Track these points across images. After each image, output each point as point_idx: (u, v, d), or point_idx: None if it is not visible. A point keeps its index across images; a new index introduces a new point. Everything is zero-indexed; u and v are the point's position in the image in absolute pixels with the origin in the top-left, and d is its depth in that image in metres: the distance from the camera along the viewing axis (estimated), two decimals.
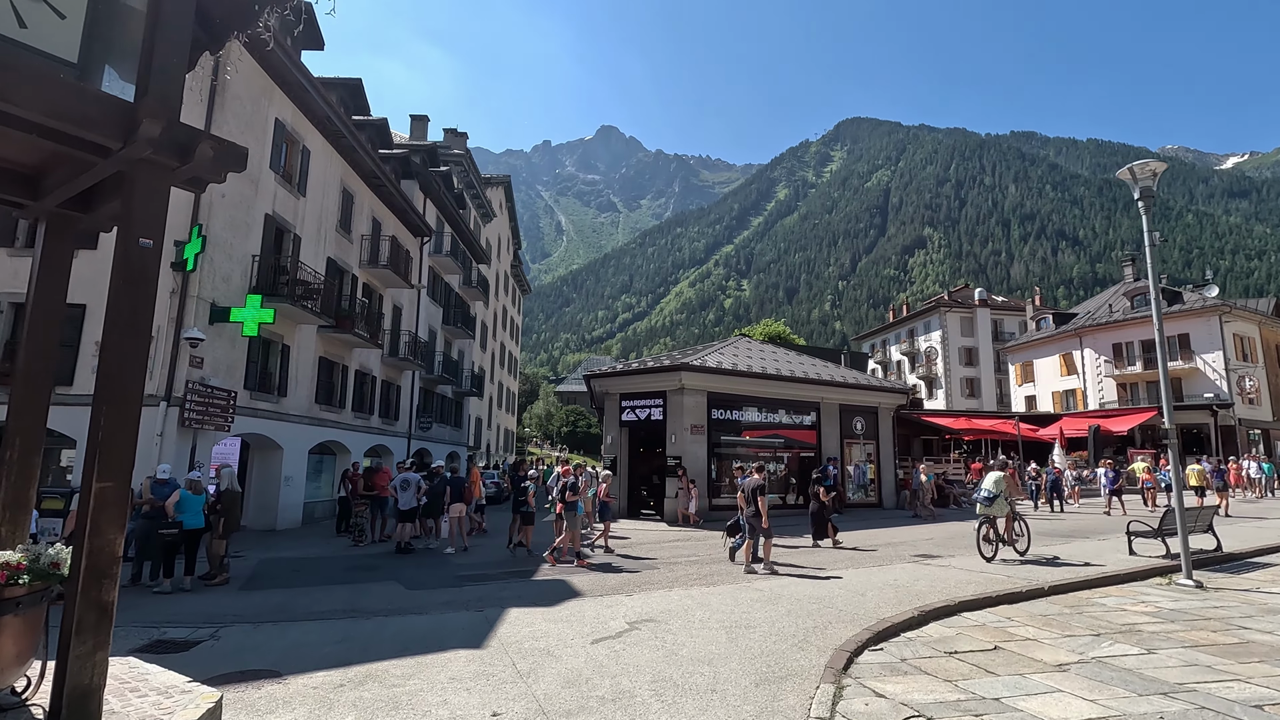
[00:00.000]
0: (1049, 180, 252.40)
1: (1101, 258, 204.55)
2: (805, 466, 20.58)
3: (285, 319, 16.53)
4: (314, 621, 7.39)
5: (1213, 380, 35.21)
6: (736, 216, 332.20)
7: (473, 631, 6.85)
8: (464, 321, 32.14)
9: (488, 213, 43.49)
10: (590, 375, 20.60)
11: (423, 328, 27.49)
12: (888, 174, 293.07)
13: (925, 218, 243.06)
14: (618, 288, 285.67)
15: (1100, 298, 44.76)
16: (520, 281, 61.13)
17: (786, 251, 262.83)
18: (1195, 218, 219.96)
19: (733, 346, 22.65)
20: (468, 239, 33.85)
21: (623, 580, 9.64)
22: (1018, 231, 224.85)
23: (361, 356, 21.55)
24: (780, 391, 20.16)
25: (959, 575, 9.64)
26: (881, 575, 9.75)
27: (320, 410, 18.89)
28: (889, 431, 22.16)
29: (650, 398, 19.13)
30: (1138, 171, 10.33)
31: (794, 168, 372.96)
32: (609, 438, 20.18)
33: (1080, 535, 14.44)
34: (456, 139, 39.65)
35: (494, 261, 47.70)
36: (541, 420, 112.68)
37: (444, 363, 29.95)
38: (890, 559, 11.39)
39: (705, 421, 18.75)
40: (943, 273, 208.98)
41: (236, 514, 9.59)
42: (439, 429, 30.41)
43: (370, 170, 21.43)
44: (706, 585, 9.18)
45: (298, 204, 17.43)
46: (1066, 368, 42.23)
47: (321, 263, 18.71)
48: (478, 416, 42.78)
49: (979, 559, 11.06)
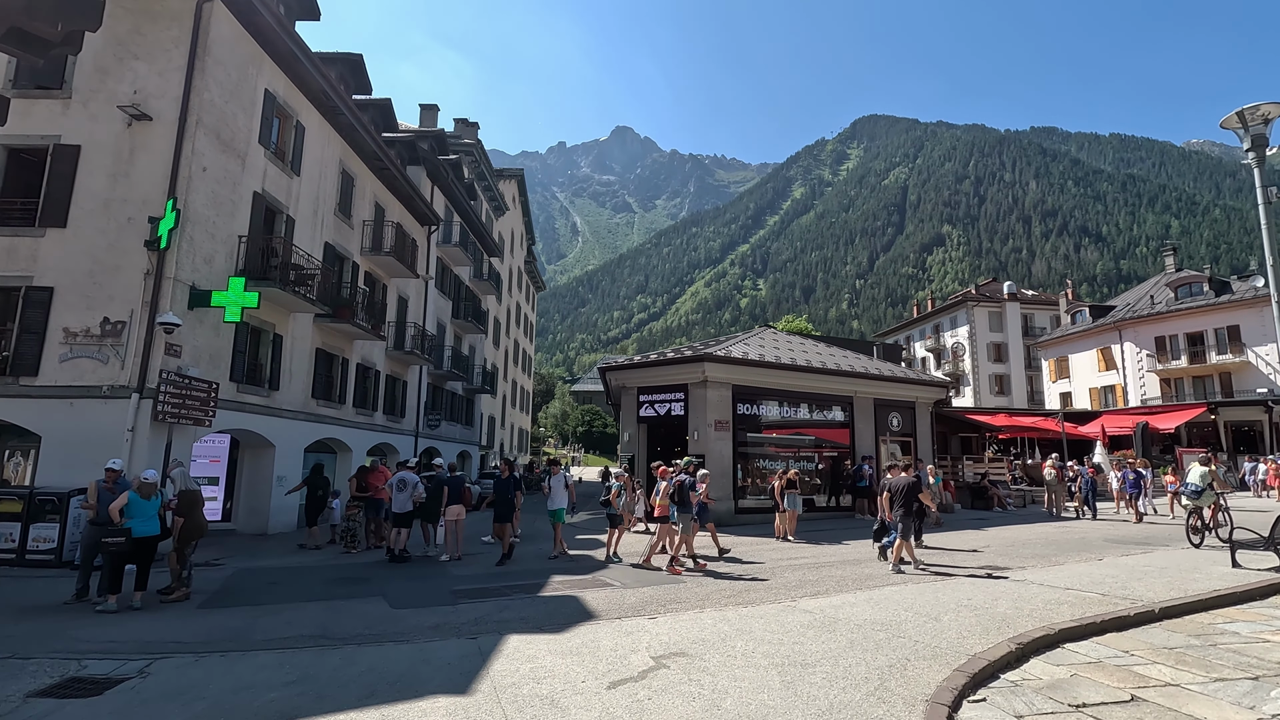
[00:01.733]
0: (1071, 176, 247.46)
1: (1126, 254, 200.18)
2: (837, 466, 19.13)
3: (276, 306, 15.34)
4: (271, 652, 6.07)
5: (1266, 374, 33.11)
6: (752, 216, 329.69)
7: (460, 668, 5.49)
8: (475, 316, 30.93)
9: (500, 206, 42.32)
10: (606, 368, 19.26)
11: (430, 321, 26.30)
12: (905, 171, 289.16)
13: (944, 215, 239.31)
14: (633, 288, 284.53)
15: (1140, 289, 42.65)
16: (534, 278, 59.99)
17: (803, 250, 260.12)
18: (1223, 212, 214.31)
19: (758, 337, 21.20)
20: (478, 230, 32.66)
21: (644, 598, 8.25)
22: (1039, 228, 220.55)
23: (364, 349, 20.36)
24: (810, 385, 18.67)
25: (1042, 593, 8.13)
26: (950, 592, 8.27)
27: (318, 405, 17.69)
28: (927, 428, 20.58)
29: (670, 392, 17.74)
30: (1248, 116, 8.76)
31: (810, 166, 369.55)
32: (626, 435, 18.82)
33: (1156, 543, 12.81)
34: (467, 129, 38.53)
35: (507, 256, 46.54)
36: (557, 420, 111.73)
37: (453, 358, 28.76)
38: (950, 572, 9.88)
39: (730, 417, 17.32)
40: (962, 271, 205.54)
41: (197, 518, 8.32)
42: (448, 427, 29.22)
43: (372, 152, 20.23)
44: (743, 605, 7.76)
45: (291, 183, 16.23)
46: (1105, 363, 40.20)
47: (318, 247, 17.52)
48: (490, 415, 41.61)
49: (1053, 570, 9.54)
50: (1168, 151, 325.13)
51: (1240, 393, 33.74)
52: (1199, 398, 34.98)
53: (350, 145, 19.42)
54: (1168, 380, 36.95)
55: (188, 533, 8.08)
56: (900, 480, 10.10)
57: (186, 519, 8.08)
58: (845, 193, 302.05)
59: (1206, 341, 35.34)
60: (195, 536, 8.22)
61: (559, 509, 11.56)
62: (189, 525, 8.09)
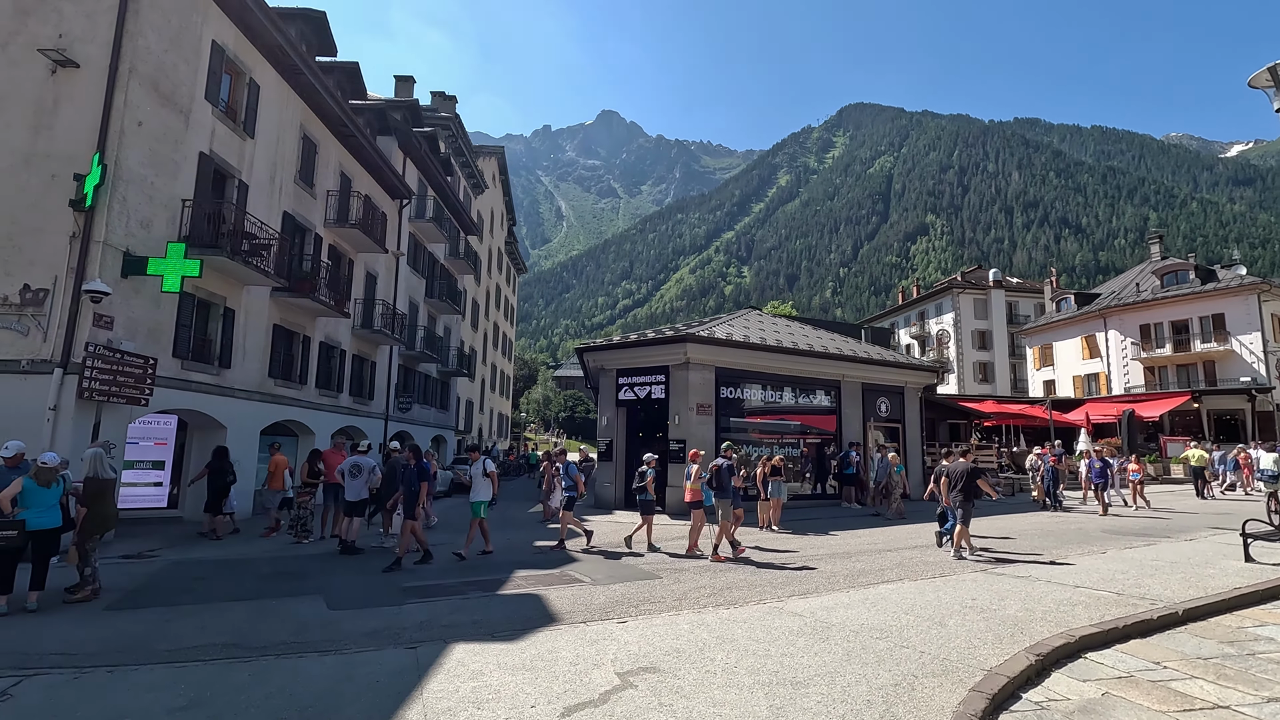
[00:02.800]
0: (1052, 167, 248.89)
1: (1105, 245, 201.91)
2: (823, 452, 18.45)
3: (227, 277, 14.22)
4: (170, 666, 5.16)
5: (1249, 363, 32.97)
6: (738, 203, 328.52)
7: (389, 689, 4.62)
8: (450, 295, 29.77)
9: (479, 184, 40.99)
10: (584, 348, 18.34)
11: (402, 299, 25.15)
12: (890, 160, 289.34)
13: (928, 204, 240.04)
14: (618, 274, 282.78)
15: (1125, 277, 42.43)
16: (515, 260, 58.67)
17: (788, 238, 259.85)
18: (1199, 205, 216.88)
19: (742, 319, 20.37)
20: (454, 207, 31.43)
21: (615, 597, 7.41)
22: (1021, 219, 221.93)
23: (327, 327, 19.25)
24: (797, 367, 17.90)
25: (1051, 592, 7.42)
26: (952, 590, 7.53)
27: (275, 385, 16.61)
28: (916, 414, 19.93)
29: (651, 374, 16.88)
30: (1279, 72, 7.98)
31: (796, 153, 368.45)
32: (604, 419, 17.96)
33: (1155, 534, 12.23)
34: (445, 102, 37.06)
35: (486, 236, 45.24)
36: (539, 405, 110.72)
37: (427, 339, 27.64)
38: (950, 565, 9.17)
39: (713, 401, 16.51)
40: (945, 260, 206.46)
41: (104, 508, 7.32)
42: (421, 411, 28.16)
43: (337, 118, 19.00)
44: (723, 606, 6.96)
45: (244, 146, 15.03)
46: (1089, 350, 39.98)
47: (276, 217, 16.36)
48: (468, 399, 40.51)
49: (1057, 565, 8.86)
50: (1147, 144, 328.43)
51: (1224, 381, 33.63)
52: (1182, 386, 34.86)
53: (313, 109, 18.19)
54: (1151, 368, 36.79)
55: (91, 524, 7.09)
56: (959, 466, 9.93)
57: (90, 509, 7.09)
58: (830, 180, 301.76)
59: (1191, 330, 35.16)
60: (101, 529, 7.24)
61: (479, 501, 10.21)
62: (93, 516, 7.09)
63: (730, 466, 10.13)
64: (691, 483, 10.31)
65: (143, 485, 14.37)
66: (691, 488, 10.30)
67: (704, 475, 10.26)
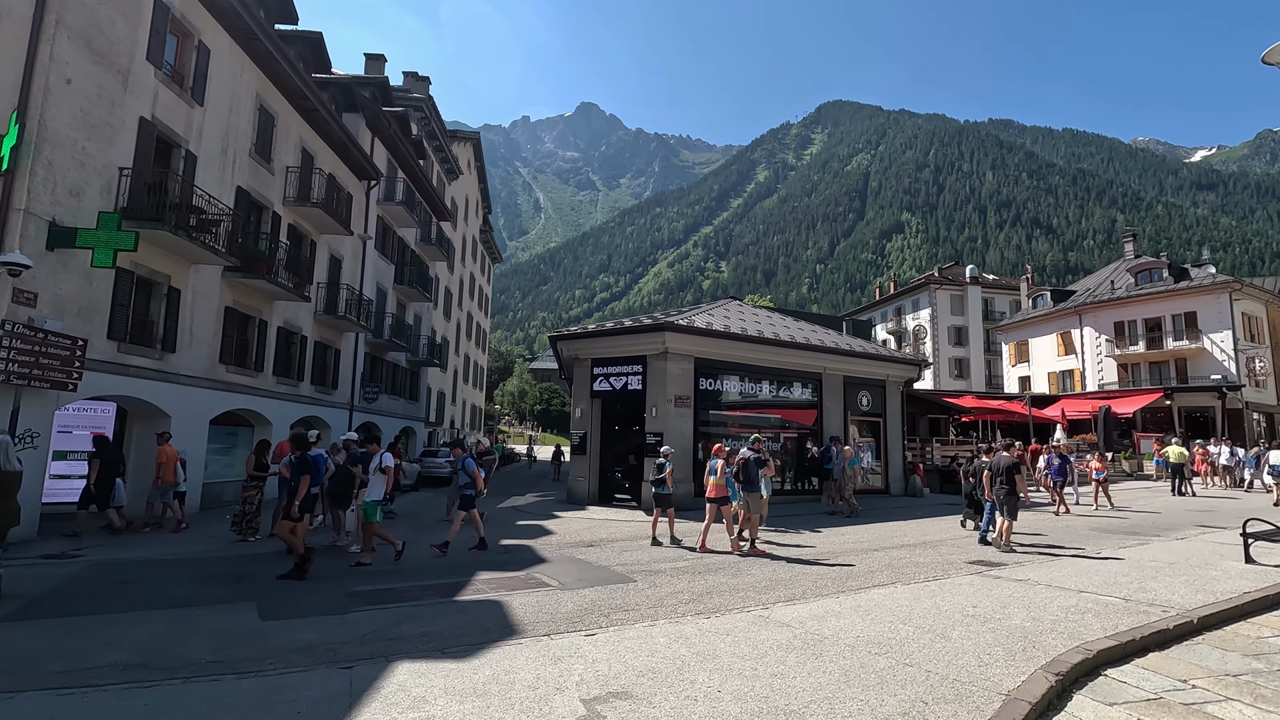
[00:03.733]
0: (1025, 168, 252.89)
1: (1074, 246, 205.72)
2: (803, 447, 17.96)
3: (172, 254, 13.20)
4: (53, 694, 4.35)
5: (1220, 361, 33.32)
6: (716, 198, 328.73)
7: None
8: (420, 282, 28.73)
9: (453, 169, 39.82)
10: (558, 336, 17.57)
11: (369, 285, 24.11)
12: (868, 158, 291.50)
13: (904, 203, 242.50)
14: (596, 267, 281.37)
15: (1101, 274, 42.74)
16: (490, 249, 57.44)
17: (765, 234, 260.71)
18: (1164, 209, 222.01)
19: (723, 308, 19.77)
20: (426, 191, 30.35)
21: (584, 604, 6.73)
22: (994, 218, 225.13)
23: (287, 311, 18.22)
24: (778, 359, 17.35)
25: (1055, 598, 6.91)
26: (949, 595, 6.98)
27: (227, 372, 15.59)
28: (898, 408, 19.52)
29: (627, 364, 16.19)
30: None
31: (774, 150, 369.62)
32: (578, 410, 17.24)
33: (1143, 532, 11.89)
34: (418, 83, 35.87)
35: (460, 224, 44.07)
36: (514, 398, 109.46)
37: (396, 326, 26.60)
38: (941, 566, 8.65)
39: (692, 393, 15.88)
40: (920, 258, 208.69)
41: (8, 503, 6.45)
42: (389, 401, 27.14)
43: (298, 90, 17.93)
44: (703, 614, 6.32)
45: (192, 114, 13.98)
46: (1064, 347, 40.20)
47: (229, 191, 15.31)
48: (440, 390, 39.45)
49: (1054, 565, 8.38)
50: (1115, 148, 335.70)
51: (1195, 379, 33.95)
52: (1155, 383, 35.14)
53: (270, 78, 17.10)
54: (1125, 365, 37.06)
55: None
56: (1002, 460, 10.15)
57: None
58: (808, 177, 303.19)
59: (1164, 327, 35.45)
60: (2, 527, 6.37)
61: (371, 502, 9.13)
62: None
63: (759, 459, 10.07)
64: (716, 478, 10.15)
65: (75, 478, 13.30)
66: (716, 483, 10.13)
67: (729, 470, 10.19)
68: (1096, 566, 8.64)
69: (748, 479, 9.75)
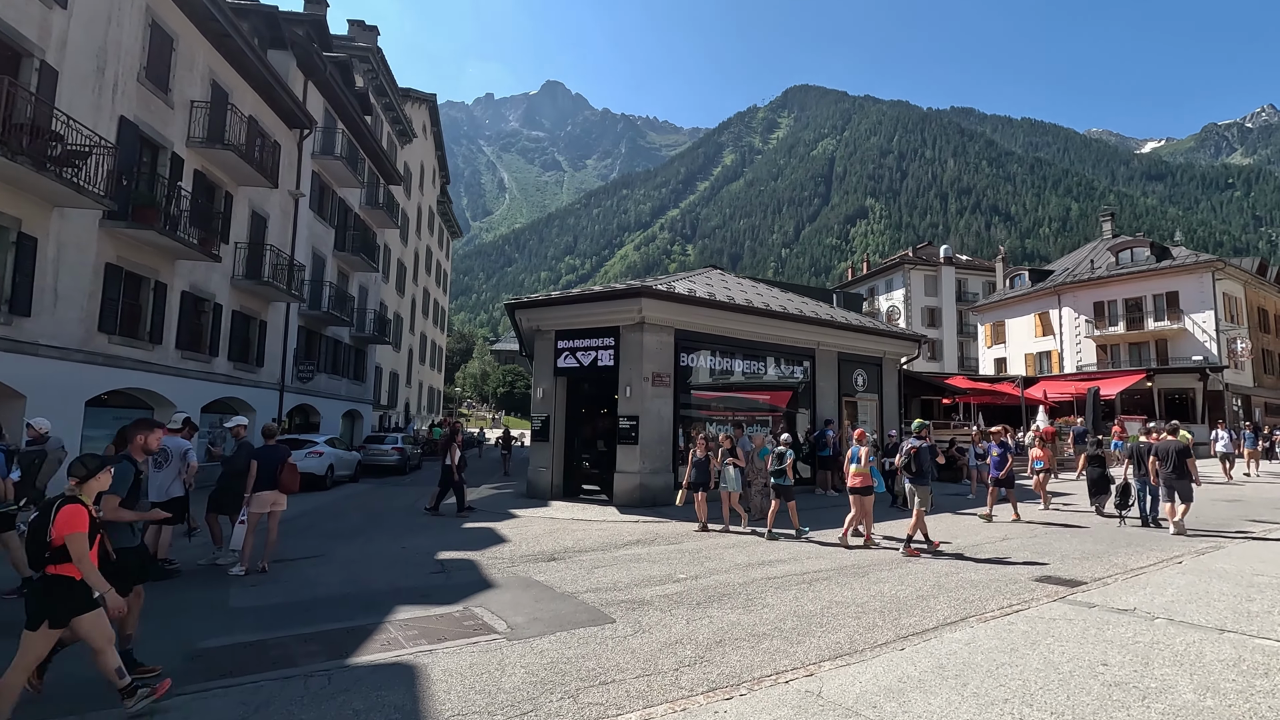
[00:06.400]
0: (985, 156, 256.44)
1: (1030, 234, 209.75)
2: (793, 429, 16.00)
3: (20, 190, 10.46)
4: None
5: (1201, 342, 32.61)
6: (683, 180, 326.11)
7: None
8: (365, 249, 25.89)
9: (406, 132, 36.69)
10: (517, 304, 15.19)
11: (302, 248, 21.30)
12: (833, 143, 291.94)
13: (868, 188, 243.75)
14: (561, 248, 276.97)
15: (1080, 253, 41.89)
16: (450, 223, 54.18)
17: (732, 217, 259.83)
18: (1116, 198, 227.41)
19: (704, 276, 17.63)
20: (373, 149, 27.40)
21: (538, 669, 4.53)
22: (955, 205, 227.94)
23: (194, 273, 15.46)
24: (769, 332, 15.30)
25: (1198, 643, 4.96)
26: (1055, 643, 4.94)
27: (111, 343, 12.87)
28: (894, 388, 17.75)
29: (598, 336, 13.95)
30: None
31: (741, 133, 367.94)
32: (539, 390, 14.96)
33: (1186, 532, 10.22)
34: (364, 32, 32.62)
35: (415, 192, 40.97)
36: (476, 380, 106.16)
37: (336, 298, 23.81)
38: (1003, 586, 6.70)
39: (672, 370, 13.73)
40: (883, 243, 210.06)
41: None
42: (330, 381, 24.39)
43: (204, 9, 15.04)
44: (722, 688, 4.20)
45: (50, 16, 11.15)
46: (1042, 328, 39.26)
47: (108, 121, 12.51)
48: (392, 370, 36.60)
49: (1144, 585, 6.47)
50: (1071, 138, 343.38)
51: (1175, 360, 33.20)
52: (1134, 364, 34.34)
53: None
54: (1104, 346, 36.23)
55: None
56: (1168, 444, 10.21)
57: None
58: (775, 161, 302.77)
59: (1145, 308, 34.64)
60: None
61: None
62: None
63: (931, 448, 9.56)
64: (860, 465, 9.18)
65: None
66: (859, 471, 9.15)
67: (872, 458, 9.40)
68: (1188, 584, 6.80)
69: (919, 470, 9.04)
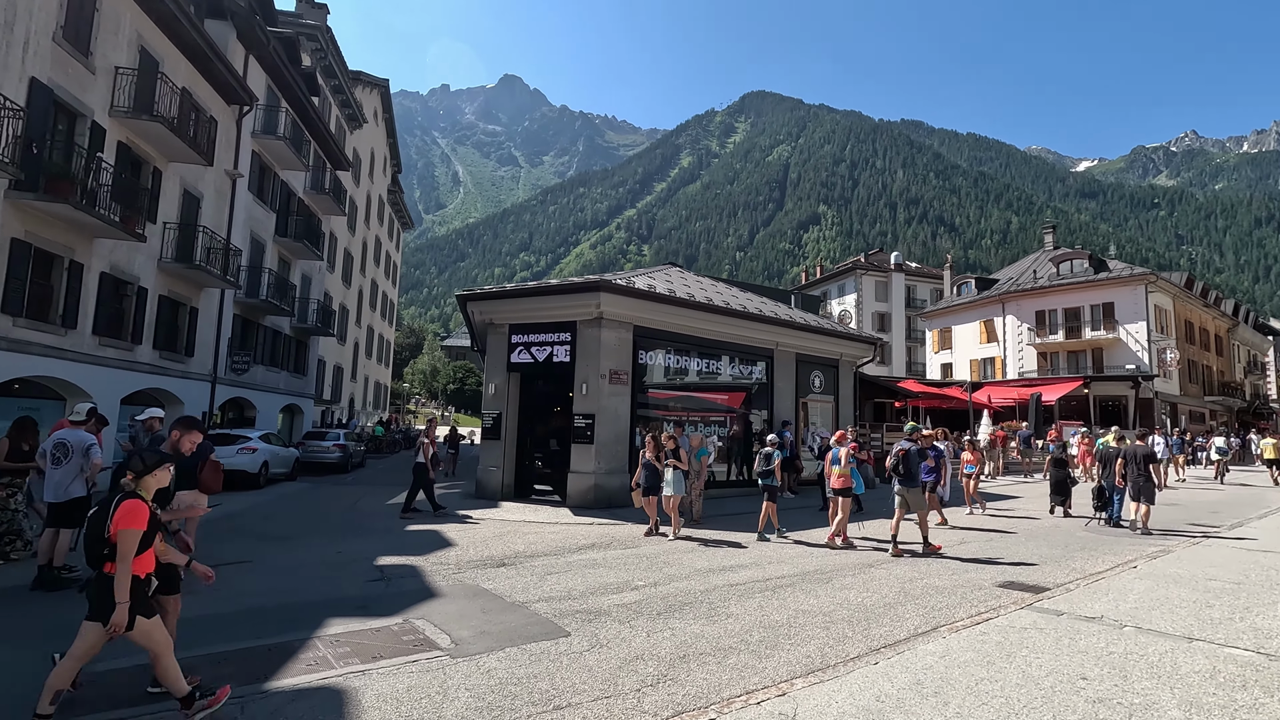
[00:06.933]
0: (933, 169, 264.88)
1: (973, 245, 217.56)
2: (750, 430, 15.87)
3: None
4: None
5: (1135, 352, 34.07)
6: (640, 180, 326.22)
7: None
8: (309, 236, 24.66)
9: (356, 116, 35.33)
10: (469, 295, 14.57)
11: (240, 232, 20.09)
12: (788, 149, 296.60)
13: (820, 195, 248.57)
14: (516, 245, 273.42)
15: (1023, 263, 43.38)
16: (401, 213, 52.54)
17: (688, 219, 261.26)
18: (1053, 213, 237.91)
19: (663, 273, 17.31)
20: (319, 132, 26.15)
21: (484, 693, 4.08)
22: (903, 215, 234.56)
23: (115, 253, 14.29)
24: (729, 331, 15.08)
25: (1171, 653, 4.86)
26: (1030, 654, 4.75)
27: (16, 327, 11.73)
28: (850, 390, 17.79)
29: (554, 331, 13.45)
30: None
31: (699, 136, 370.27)
32: (491, 386, 14.37)
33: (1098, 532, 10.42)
34: (314, 9, 31.22)
35: (364, 180, 39.52)
36: (426, 376, 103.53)
37: (277, 286, 22.57)
38: (970, 593, 6.55)
39: (630, 367, 13.35)
40: (834, 250, 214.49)
41: None
42: (267, 374, 23.11)
43: None
44: (687, 714, 3.84)
45: None
46: (987, 335, 40.45)
47: (15, 82, 11.37)
48: (336, 364, 35.17)
49: (1106, 589, 6.40)
50: (1012, 154, 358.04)
51: (1110, 368, 34.61)
52: (1073, 372, 35.69)
53: None
54: (1045, 354, 37.53)
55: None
56: (1136, 449, 10.73)
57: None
58: (731, 165, 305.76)
59: (1083, 317, 36.00)
60: None
61: None
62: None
63: (920, 451, 9.59)
64: (841, 467, 9.31)
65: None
66: (840, 473, 9.30)
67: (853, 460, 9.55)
68: (1148, 589, 6.79)
69: (908, 473, 9.00)
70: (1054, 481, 12.50)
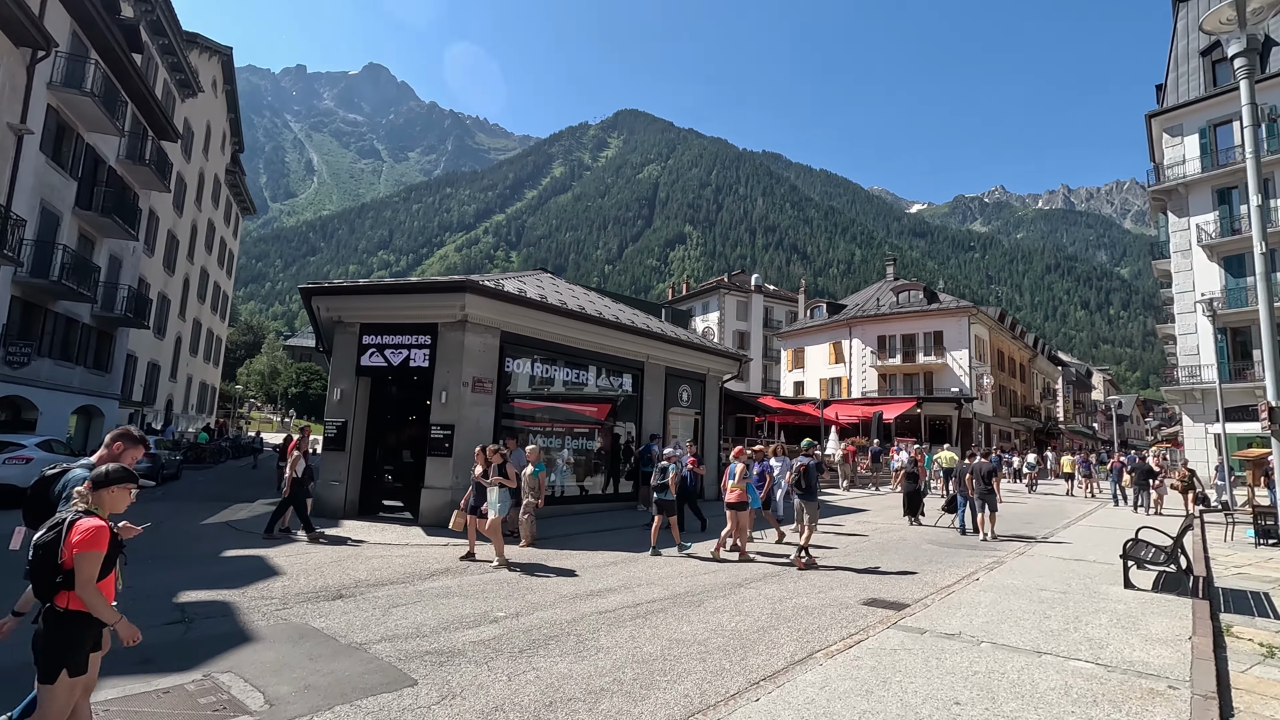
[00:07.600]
0: (789, 200, 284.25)
1: (822, 273, 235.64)
2: (618, 445, 15.58)
3: None
4: None
5: (958, 376, 37.97)
6: (511, 186, 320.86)
7: None
8: (121, 212, 21.28)
9: (189, 83, 31.35)
10: (314, 289, 13.04)
11: (24, 199, 16.85)
12: (658, 169, 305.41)
13: (687, 215, 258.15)
14: (375, 242, 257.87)
15: (868, 291, 47.13)
16: (240, 196, 47.39)
17: (558, 229, 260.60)
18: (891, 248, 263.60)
19: (534, 277, 16.63)
20: (140, 94, 22.76)
21: None
22: (762, 240, 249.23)
23: None
24: (600, 340, 14.69)
25: (1029, 668, 5.02)
26: (906, 678, 4.68)
27: None
28: (716, 405, 18.05)
29: (412, 333, 12.34)
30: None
31: (571, 147, 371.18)
32: (337, 391, 12.92)
33: (945, 542, 11.26)
34: None
35: (198, 155, 35.17)
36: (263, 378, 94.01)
37: (74, 266, 19.20)
38: (838, 613, 6.53)
39: (495, 375, 12.54)
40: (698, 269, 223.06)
41: None
42: (56, 368, 19.54)
43: None
44: None
45: None
46: (835, 356, 43.41)
47: None
48: (152, 360, 30.74)
49: (956, 602, 6.67)
50: (858, 192, 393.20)
51: (939, 391, 38.34)
52: (908, 393, 39.14)
53: None
54: (885, 376, 40.87)
55: None
56: (982, 464, 12.20)
57: None
58: (602, 179, 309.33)
59: (918, 343, 39.66)
60: None
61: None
62: None
63: (819, 465, 9.99)
64: (736, 482, 9.44)
65: None
66: (735, 487, 9.43)
67: (749, 476, 9.73)
68: (994, 601, 7.18)
69: (808, 487, 9.31)
70: (906, 494, 13.50)
